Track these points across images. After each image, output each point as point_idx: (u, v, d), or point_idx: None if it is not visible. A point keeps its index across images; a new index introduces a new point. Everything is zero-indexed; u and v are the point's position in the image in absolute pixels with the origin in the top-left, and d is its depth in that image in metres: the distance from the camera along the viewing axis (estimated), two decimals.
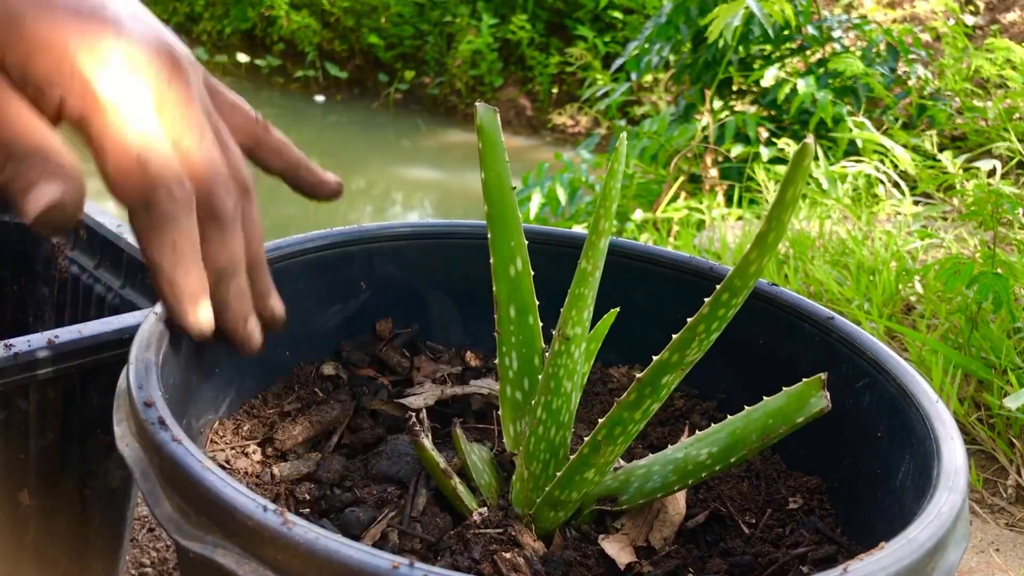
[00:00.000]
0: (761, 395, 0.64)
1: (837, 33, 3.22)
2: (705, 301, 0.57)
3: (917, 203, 2.30)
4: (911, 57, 3.16)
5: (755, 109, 3.24)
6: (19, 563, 0.72)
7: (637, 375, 0.60)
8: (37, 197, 0.46)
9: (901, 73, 3.14)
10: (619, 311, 0.73)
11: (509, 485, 0.68)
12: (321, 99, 6.27)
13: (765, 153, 2.74)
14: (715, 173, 2.88)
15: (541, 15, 6.18)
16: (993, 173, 1.96)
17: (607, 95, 3.76)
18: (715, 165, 2.90)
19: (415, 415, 0.68)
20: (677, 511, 0.69)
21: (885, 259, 1.75)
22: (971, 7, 4.70)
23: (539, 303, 0.70)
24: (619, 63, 3.51)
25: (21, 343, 0.66)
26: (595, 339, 0.72)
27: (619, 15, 5.79)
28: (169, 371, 0.64)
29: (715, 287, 0.57)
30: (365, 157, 5.35)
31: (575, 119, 5.74)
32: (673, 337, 0.59)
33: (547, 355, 0.65)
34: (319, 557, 0.44)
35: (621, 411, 0.61)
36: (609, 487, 0.67)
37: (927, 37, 4.32)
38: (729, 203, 2.71)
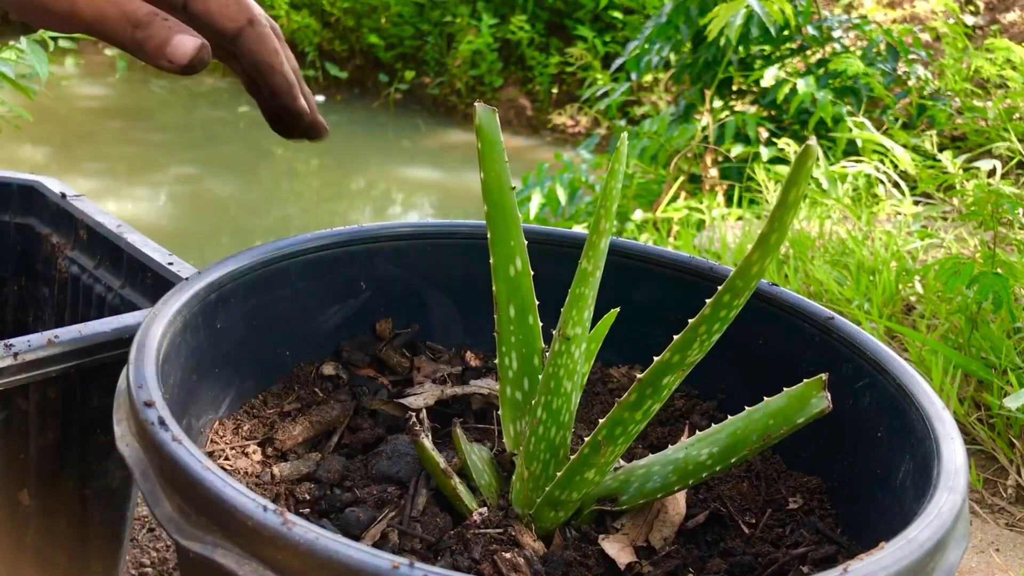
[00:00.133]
0: (761, 395, 0.63)
1: (837, 33, 3.22)
2: (707, 302, 0.57)
3: (917, 203, 2.30)
4: (911, 57, 3.16)
5: (755, 109, 3.24)
6: (19, 563, 0.72)
7: (637, 375, 0.60)
8: (183, 45, 0.58)
9: (901, 73, 3.14)
10: (619, 311, 0.73)
11: (509, 485, 0.68)
12: (321, 99, 6.27)
13: (765, 153, 2.74)
14: (715, 173, 2.88)
15: (541, 15, 6.18)
16: (993, 173, 1.96)
17: (607, 95, 3.76)
18: (715, 165, 2.90)
19: (415, 415, 0.68)
20: (677, 511, 0.69)
21: (885, 259, 1.75)
22: (971, 7, 4.70)
23: (539, 303, 0.70)
24: (619, 63, 3.51)
25: (21, 343, 0.66)
26: (595, 339, 0.72)
27: (619, 15, 5.79)
28: (169, 371, 0.64)
29: (715, 287, 0.57)
30: (365, 157, 5.35)
31: (575, 119, 5.74)
32: (673, 337, 0.59)
33: (547, 355, 0.65)
34: (319, 557, 0.44)
35: (622, 411, 0.61)
36: (609, 487, 0.67)
37: (927, 37, 4.32)
38: (729, 203, 2.72)
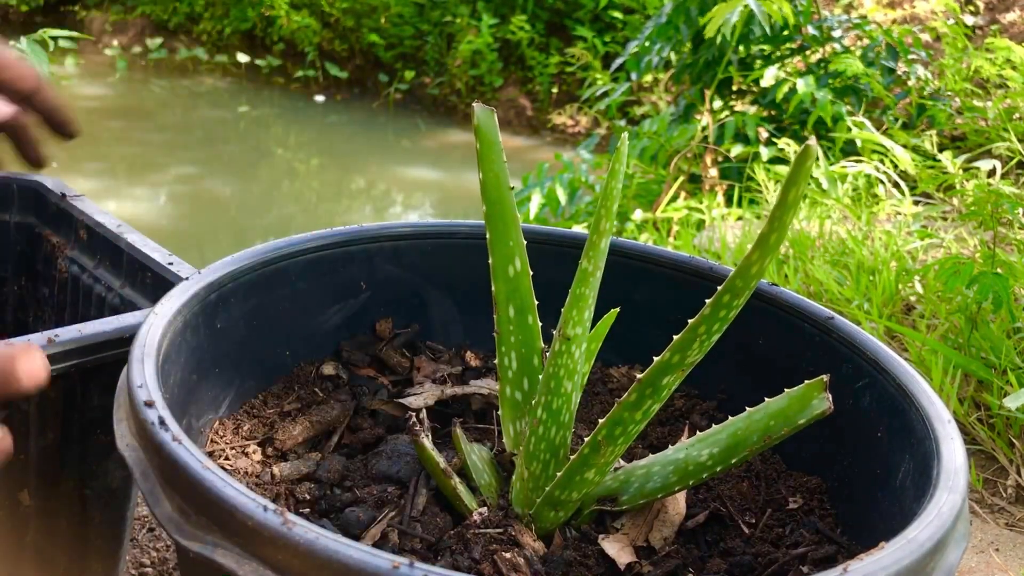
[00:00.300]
0: (761, 395, 0.63)
1: (837, 33, 3.22)
2: (706, 302, 0.57)
3: (917, 203, 2.30)
4: (911, 57, 3.16)
5: (755, 109, 3.23)
6: (19, 563, 0.72)
7: (637, 375, 0.60)
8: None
9: (901, 73, 3.14)
10: (619, 311, 0.73)
11: (509, 485, 0.68)
12: (321, 99, 6.26)
13: (765, 153, 2.74)
14: (715, 173, 2.88)
15: (541, 15, 6.18)
16: (993, 173, 1.96)
17: (607, 95, 3.76)
18: (715, 165, 2.90)
19: (415, 415, 0.68)
20: (677, 511, 0.69)
21: (885, 259, 1.75)
22: (971, 7, 4.70)
23: (539, 303, 0.70)
24: (619, 63, 3.51)
25: (21, 343, 0.66)
26: (595, 339, 0.72)
27: (619, 15, 5.79)
28: (169, 371, 0.64)
29: (715, 287, 0.57)
30: (365, 157, 5.35)
31: (575, 119, 5.74)
32: (673, 337, 0.59)
33: (547, 355, 0.65)
34: (319, 557, 0.44)
35: (621, 411, 0.61)
36: (609, 487, 0.67)
37: (927, 37, 4.32)
38: (729, 203, 2.71)
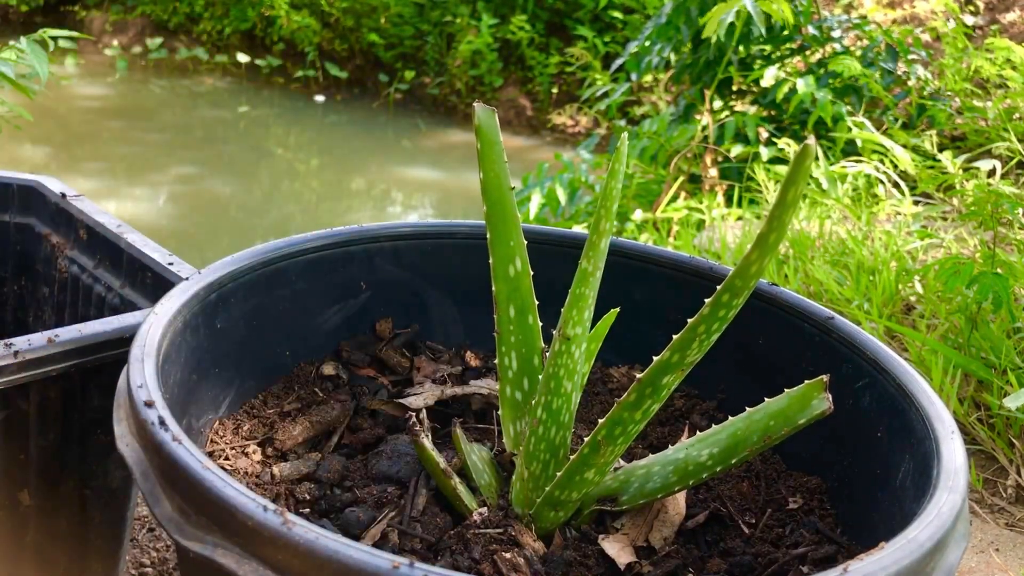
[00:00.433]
0: (761, 395, 0.63)
1: (837, 33, 3.21)
2: (706, 302, 0.57)
3: (917, 203, 2.30)
4: (911, 57, 3.15)
5: (755, 109, 3.23)
6: (19, 563, 0.72)
7: (637, 375, 0.60)
8: None
9: (901, 73, 3.14)
10: (619, 311, 0.73)
11: (509, 485, 0.68)
12: (321, 99, 6.26)
13: (765, 153, 2.74)
14: (715, 173, 2.88)
15: (541, 15, 6.18)
16: (993, 173, 1.96)
17: (607, 95, 3.76)
18: (715, 165, 2.90)
19: (415, 415, 0.68)
20: (677, 511, 0.69)
21: (885, 259, 1.75)
22: (971, 7, 4.70)
23: (539, 303, 0.70)
24: (619, 63, 3.50)
25: (21, 342, 0.66)
26: (595, 339, 0.72)
27: (619, 15, 5.79)
28: (169, 371, 0.64)
29: (715, 287, 0.57)
30: (365, 157, 5.35)
31: (575, 119, 5.73)
32: (673, 337, 0.59)
33: (547, 355, 0.65)
34: (319, 557, 0.44)
35: (621, 411, 0.61)
36: (609, 487, 0.67)
37: (927, 37, 4.32)
38: (729, 203, 2.71)
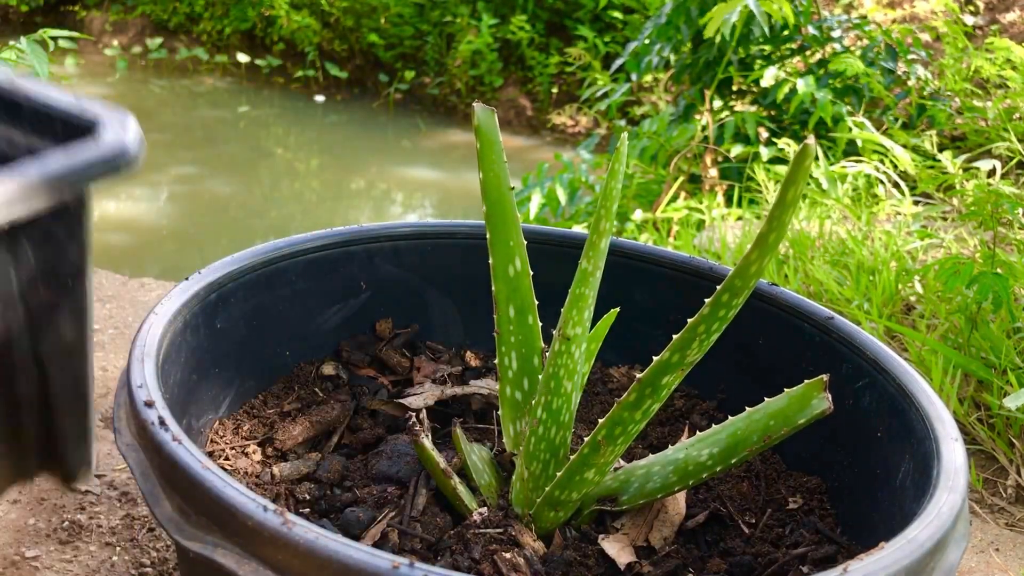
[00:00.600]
0: (761, 395, 0.64)
1: (837, 33, 3.21)
2: (706, 302, 0.57)
3: (917, 203, 2.30)
4: (911, 57, 3.15)
5: (755, 109, 3.23)
6: None
7: (637, 375, 0.60)
8: None
9: (901, 73, 3.14)
10: (619, 311, 0.73)
11: (509, 485, 0.68)
12: (321, 99, 6.26)
13: (765, 153, 2.74)
14: (715, 173, 2.88)
15: (541, 15, 6.17)
16: (993, 173, 1.95)
17: (607, 95, 3.76)
18: (715, 165, 2.90)
19: (415, 415, 0.68)
20: (677, 511, 0.69)
21: (885, 259, 1.75)
22: (971, 7, 4.70)
23: (539, 303, 0.70)
24: (619, 63, 3.50)
25: None
26: (595, 339, 0.72)
27: (619, 15, 5.79)
28: (169, 371, 0.64)
29: (715, 287, 0.57)
30: (365, 157, 5.34)
31: (575, 119, 5.73)
32: (673, 337, 0.59)
33: (547, 355, 0.65)
34: (319, 557, 0.44)
35: (621, 411, 0.61)
36: (609, 487, 0.67)
37: (927, 37, 4.32)
38: (729, 203, 2.71)
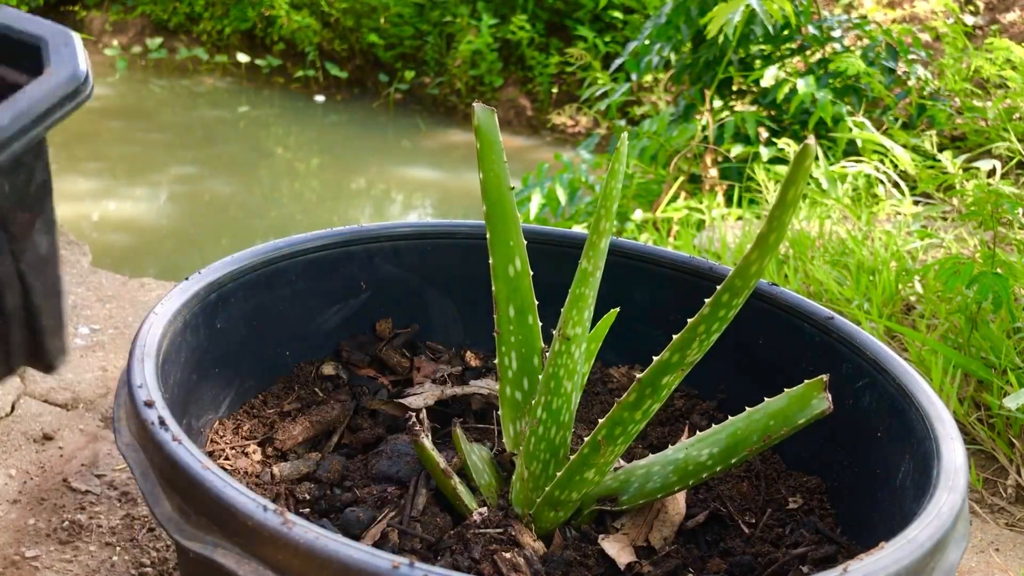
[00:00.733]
0: (761, 395, 0.64)
1: (837, 33, 3.21)
2: (706, 302, 0.57)
3: (917, 203, 2.30)
4: (911, 57, 3.15)
5: (755, 109, 3.23)
6: None
7: (637, 375, 0.60)
8: None
9: (901, 73, 3.14)
10: (619, 311, 0.73)
11: (509, 485, 0.68)
12: (321, 99, 6.26)
13: (765, 153, 2.74)
14: (715, 173, 2.88)
15: (541, 15, 6.18)
16: (993, 173, 1.95)
17: (607, 95, 3.76)
18: (715, 165, 2.90)
19: (415, 415, 0.68)
20: (677, 511, 0.69)
21: (885, 259, 1.75)
22: (971, 7, 4.70)
23: (539, 303, 0.70)
24: (619, 63, 3.50)
25: None
26: (595, 339, 0.72)
27: (619, 15, 5.79)
28: (169, 371, 0.64)
29: (715, 287, 0.57)
30: (365, 157, 5.35)
31: (575, 119, 5.73)
32: (673, 337, 0.59)
33: (547, 355, 0.65)
34: (319, 557, 0.44)
35: (621, 411, 0.61)
36: (609, 487, 0.67)
37: (927, 37, 4.32)
38: (729, 203, 2.71)
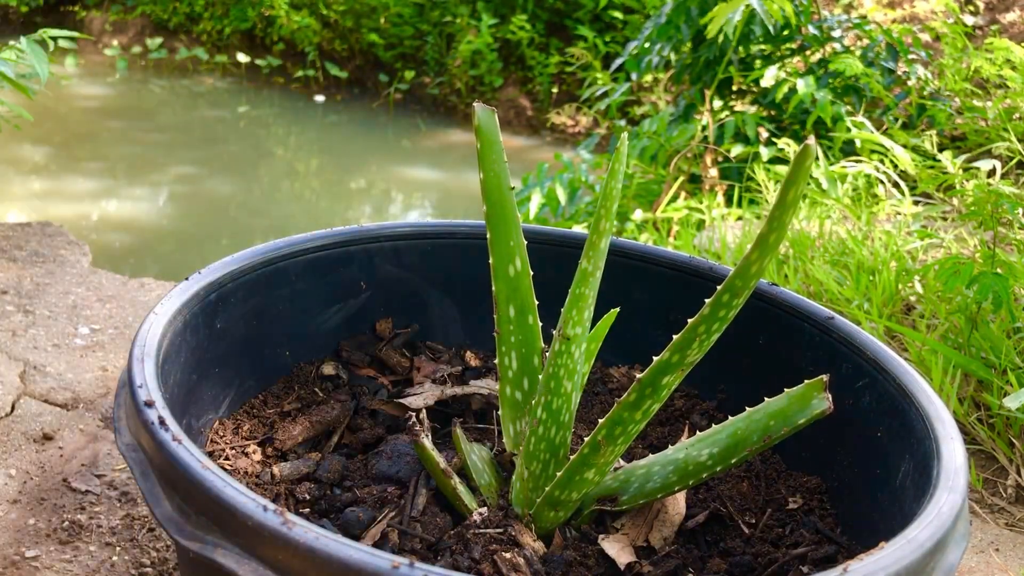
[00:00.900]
0: (761, 395, 0.64)
1: (837, 33, 3.21)
2: (706, 302, 0.57)
3: (917, 203, 2.30)
4: (911, 57, 3.15)
5: (755, 109, 3.23)
6: None
7: (637, 375, 0.60)
8: None
9: (901, 73, 3.14)
10: (619, 311, 0.73)
11: (509, 485, 0.68)
12: (321, 99, 6.26)
13: (765, 153, 2.74)
14: (715, 173, 2.88)
15: (541, 15, 6.18)
16: (993, 173, 1.95)
17: (607, 95, 3.76)
18: (715, 165, 2.90)
19: (415, 415, 0.68)
20: (677, 511, 0.69)
21: (885, 259, 1.75)
22: (971, 7, 4.70)
23: (539, 303, 0.70)
24: (619, 63, 3.50)
25: None
26: (595, 339, 0.72)
27: (619, 15, 5.79)
28: (169, 371, 0.63)
29: (715, 287, 0.57)
30: (365, 157, 5.35)
31: (575, 119, 5.73)
32: (673, 337, 0.59)
33: (547, 355, 0.65)
34: (319, 557, 0.44)
35: (621, 411, 0.61)
36: (609, 487, 0.67)
37: (927, 37, 4.32)
38: (729, 203, 2.71)
